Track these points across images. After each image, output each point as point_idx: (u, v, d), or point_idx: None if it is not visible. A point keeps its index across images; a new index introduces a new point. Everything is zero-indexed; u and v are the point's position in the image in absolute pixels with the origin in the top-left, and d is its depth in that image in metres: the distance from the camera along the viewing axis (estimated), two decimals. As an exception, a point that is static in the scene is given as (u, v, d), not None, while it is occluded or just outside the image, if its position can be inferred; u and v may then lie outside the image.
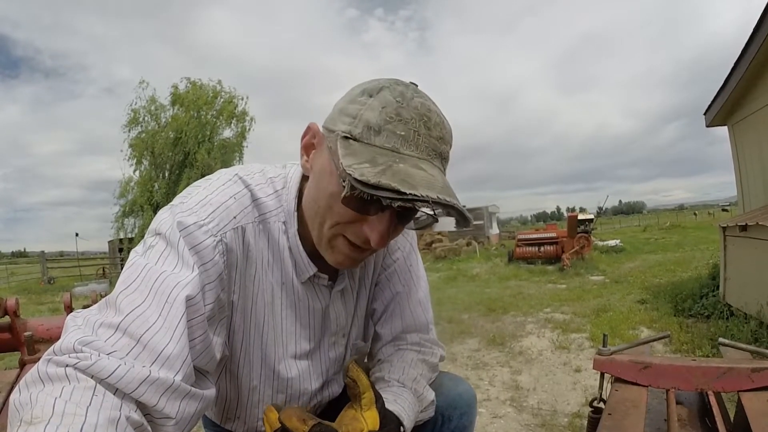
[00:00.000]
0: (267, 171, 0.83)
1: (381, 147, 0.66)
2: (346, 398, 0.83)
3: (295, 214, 0.80)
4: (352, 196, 0.64)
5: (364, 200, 0.65)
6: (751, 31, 4.69)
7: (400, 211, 0.70)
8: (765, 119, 5.02)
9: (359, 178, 0.60)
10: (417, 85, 0.74)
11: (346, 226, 0.72)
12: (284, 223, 0.80)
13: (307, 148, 0.78)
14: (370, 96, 0.69)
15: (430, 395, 0.91)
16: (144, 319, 0.59)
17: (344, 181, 0.64)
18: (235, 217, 0.74)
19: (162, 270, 0.64)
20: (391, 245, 0.97)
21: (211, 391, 0.68)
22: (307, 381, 0.89)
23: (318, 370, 0.91)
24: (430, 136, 0.68)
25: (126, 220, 20.10)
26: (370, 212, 0.69)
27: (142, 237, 0.74)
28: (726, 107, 5.69)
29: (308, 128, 0.77)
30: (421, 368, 0.92)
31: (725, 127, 6.08)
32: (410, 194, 0.60)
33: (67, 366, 0.53)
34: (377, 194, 0.60)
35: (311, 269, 0.82)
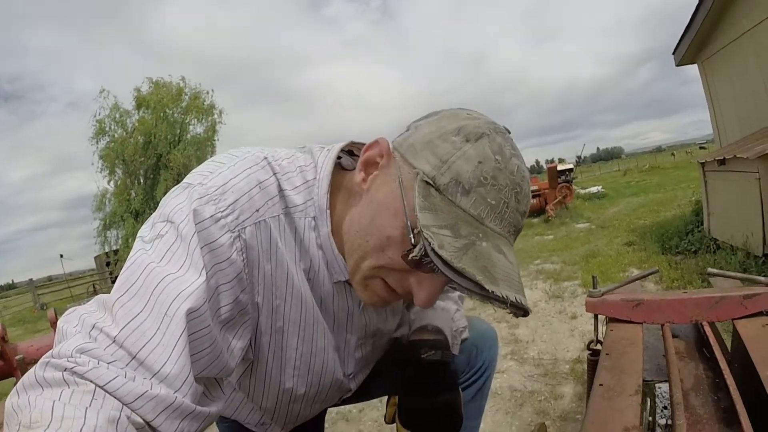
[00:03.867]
0: (297, 158, 0.73)
1: (465, 211, 0.59)
2: (368, 387, 0.95)
3: (327, 212, 0.71)
4: (418, 259, 0.57)
5: (426, 263, 0.57)
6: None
7: None
8: (733, 54, 5.05)
9: (438, 251, 0.53)
10: (510, 132, 0.67)
11: (390, 272, 0.65)
12: (314, 219, 0.71)
13: (369, 165, 0.69)
14: (467, 141, 0.62)
15: (464, 320, 0.99)
16: (141, 332, 0.53)
17: (414, 239, 0.57)
18: (257, 210, 0.65)
19: (166, 273, 0.57)
20: None
21: (216, 407, 0.63)
22: (339, 371, 0.85)
23: (343, 361, 0.86)
24: (518, 211, 0.63)
25: (108, 233, 19.81)
26: (424, 269, 0.61)
27: (127, 246, 0.67)
28: (694, 45, 5.69)
29: (376, 143, 0.68)
30: (446, 301, 0.98)
31: (696, 66, 6.10)
32: (491, 292, 0.54)
33: (65, 370, 0.49)
34: (455, 279, 0.54)
35: (345, 274, 0.73)
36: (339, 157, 0.75)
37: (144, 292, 0.56)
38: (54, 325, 1.79)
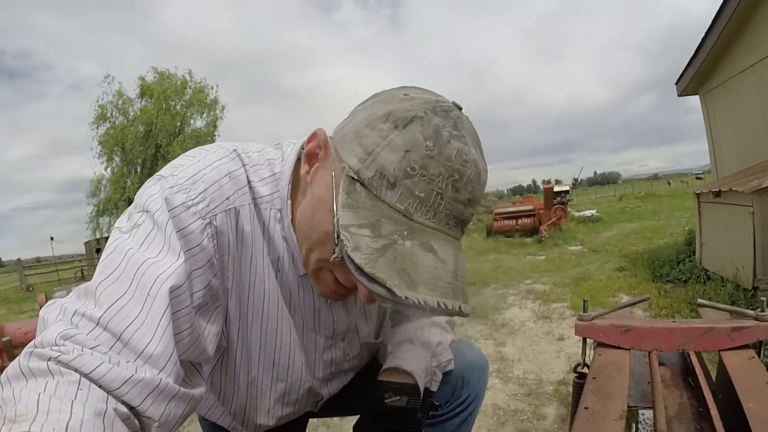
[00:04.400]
0: (267, 151, 0.75)
1: (390, 206, 0.57)
2: (344, 396, 0.89)
3: (289, 203, 0.71)
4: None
5: None
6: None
7: None
8: (735, 88, 5.12)
9: (352, 254, 0.54)
10: (461, 109, 0.64)
11: (335, 266, 0.65)
12: (279, 210, 0.72)
13: (311, 157, 0.69)
14: (395, 127, 0.59)
15: (448, 353, 0.94)
16: (125, 313, 0.54)
17: (336, 241, 0.57)
18: (227, 198, 0.66)
19: (146, 257, 0.58)
20: None
21: (200, 390, 0.63)
22: (306, 372, 0.84)
23: (312, 364, 0.85)
24: (456, 200, 0.59)
25: (101, 219, 19.82)
26: None
27: None
28: (697, 77, 5.77)
29: (315, 134, 0.68)
30: (432, 330, 0.93)
31: (697, 97, 6.17)
32: (404, 298, 0.53)
33: (49, 359, 0.49)
34: (368, 286, 0.53)
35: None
36: (303, 149, 0.75)
37: (126, 277, 0.56)
38: None
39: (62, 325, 0.53)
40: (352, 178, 0.59)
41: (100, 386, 0.49)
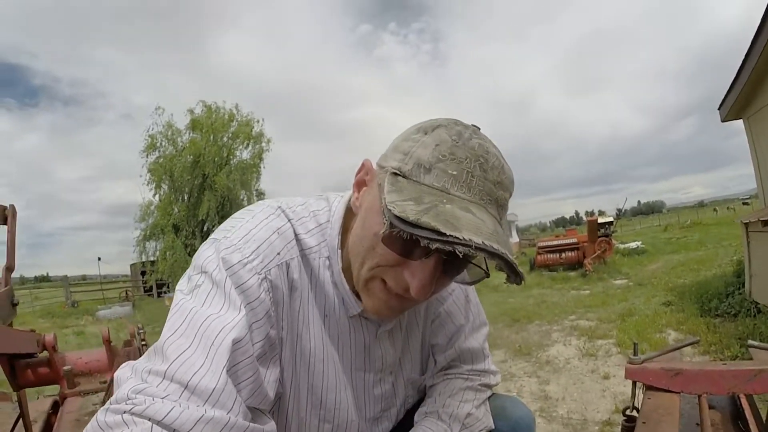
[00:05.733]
0: (310, 204, 0.81)
1: (429, 186, 0.63)
2: None
3: (339, 251, 0.77)
4: (393, 235, 0.61)
5: (407, 242, 0.61)
6: (759, 21, 4.64)
7: (447, 258, 0.65)
8: (779, 110, 4.96)
9: (398, 214, 0.58)
10: (479, 128, 0.71)
11: (386, 270, 0.68)
12: (328, 258, 0.77)
13: (359, 185, 0.76)
14: (425, 133, 0.68)
15: (486, 418, 0.93)
16: (190, 364, 0.58)
17: (385, 218, 0.61)
18: (278, 253, 0.72)
19: (209, 313, 0.63)
20: None
21: (270, 427, 0.66)
22: (353, 412, 0.85)
23: (362, 404, 0.87)
24: (486, 179, 0.65)
25: (147, 243, 20.44)
26: (413, 256, 0.65)
27: (164, 259, 0.73)
28: (740, 101, 5.63)
29: (362, 165, 0.75)
30: (464, 395, 0.94)
31: (740, 120, 6.02)
32: (451, 236, 0.56)
33: (124, 413, 0.53)
34: (415, 233, 0.57)
35: (358, 306, 0.78)
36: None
37: (190, 331, 0.61)
38: (107, 341, 1.90)
39: (134, 382, 0.57)
40: (395, 173, 0.66)
41: (174, 430, 0.53)
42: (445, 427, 0.89)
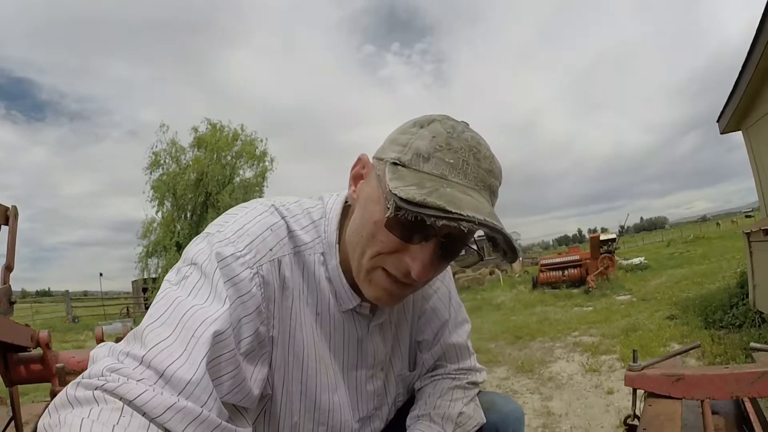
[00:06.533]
0: (303, 202, 0.82)
1: (429, 173, 0.67)
2: None
3: (336, 246, 0.78)
4: (397, 220, 0.65)
5: (408, 226, 0.65)
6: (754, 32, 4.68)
7: (445, 242, 0.69)
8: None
9: (405, 197, 0.61)
10: (468, 124, 0.75)
11: (386, 257, 0.70)
12: (323, 254, 0.78)
13: (356, 178, 0.78)
14: (421, 127, 0.71)
15: (477, 414, 0.95)
16: (169, 353, 0.57)
17: (389, 203, 0.65)
18: (271, 249, 0.72)
19: (192, 304, 0.62)
20: None
21: (244, 429, 0.65)
22: (347, 412, 0.85)
23: (356, 403, 0.87)
24: (479, 167, 0.69)
25: (150, 260, 20.45)
26: (413, 240, 0.68)
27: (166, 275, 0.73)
28: (738, 112, 5.64)
29: (358, 159, 0.78)
30: (453, 394, 0.95)
31: (740, 133, 6.01)
32: (456, 213, 0.60)
33: (95, 389, 0.53)
34: (422, 212, 0.60)
35: (354, 300, 0.80)
36: (347, 202, 0.82)
37: (172, 320, 0.61)
38: (100, 340, 1.88)
39: (109, 360, 0.57)
40: (395, 163, 0.69)
41: (143, 413, 0.52)
42: (438, 428, 0.89)
